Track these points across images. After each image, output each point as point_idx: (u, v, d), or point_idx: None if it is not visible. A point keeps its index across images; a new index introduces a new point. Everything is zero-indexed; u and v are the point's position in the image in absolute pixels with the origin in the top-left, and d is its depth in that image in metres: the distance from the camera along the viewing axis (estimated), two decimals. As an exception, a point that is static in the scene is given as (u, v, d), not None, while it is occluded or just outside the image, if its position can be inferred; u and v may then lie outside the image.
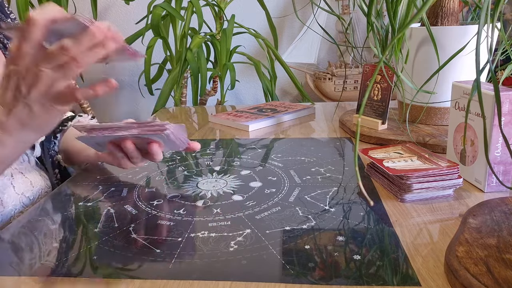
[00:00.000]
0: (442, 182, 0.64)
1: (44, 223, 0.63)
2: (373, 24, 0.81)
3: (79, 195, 0.72)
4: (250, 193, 0.69)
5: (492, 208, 0.56)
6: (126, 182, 0.76)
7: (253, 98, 2.36)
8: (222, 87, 1.87)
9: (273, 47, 1.80)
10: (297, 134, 1.03)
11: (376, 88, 0.97)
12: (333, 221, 0.59)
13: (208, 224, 0.59)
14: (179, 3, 1.79)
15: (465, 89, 0.68)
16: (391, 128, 0.94)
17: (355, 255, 0.50)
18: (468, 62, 0.87)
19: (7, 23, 0.54)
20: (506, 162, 0.64)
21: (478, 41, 0.44)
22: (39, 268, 0.51)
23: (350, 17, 2.05)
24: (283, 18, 2.21)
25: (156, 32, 1.70)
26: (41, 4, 1.73)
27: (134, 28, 2.07)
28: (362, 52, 2.06)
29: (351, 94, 2.10)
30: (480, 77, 0.45)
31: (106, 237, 0.57)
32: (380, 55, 0.87)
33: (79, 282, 0.48)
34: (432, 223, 0.58)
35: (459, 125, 0.71)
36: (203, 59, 1.74)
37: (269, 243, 0.54)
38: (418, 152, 0.72)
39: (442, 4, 0.91)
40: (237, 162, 0.84)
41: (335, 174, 0.76)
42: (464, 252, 0.46)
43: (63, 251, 0.55)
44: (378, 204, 0.64)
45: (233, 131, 1.08)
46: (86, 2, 2.01)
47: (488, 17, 0.48)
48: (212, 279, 0.47)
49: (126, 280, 0.48)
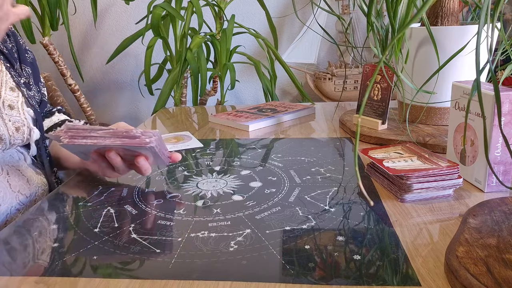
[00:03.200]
0: (442, 182, 0.64)
1: (43, 223, 0.63)
2: (373, 24, 0.81)
3: (79, 195, 0.72)
4: (250, 193, 0.69)
5: (492, 208, 0.56)
6: (126, 182, 0.76)
7: (253, 98, 2.36)
8: (222, 87, 1.87)
9: (273, 47, 1.80)
10: (297, 134, 1.03)
11: (376, 88, 0.97)
12: (333, 221, 0.59)
13: (208, 224, 0.59)
14: (179, 3, 1.79)
15: (465, 89, 0.68)
16: (391, 128, 0.94)
17: (355, 255, 0.50)
18: (468, 62, 0.87)
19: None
20: (506, 162, 0.64)
21: (478, 41, 0.44)
22: (38, 268, 0.51)
23: (350, 17, 2.05)
24: (283, 18, 2.21)
25: (156, 32, 1.70)
26: (40, 4, 1.73)
27: (134, 28, 2.08)
28: (362, 52, 2.06)
29: (351, 94, 2.10)
30: (480, 77, 0.45)
31: (106, 237, 0.57)
32: (380, 55, 0.87)
33: (79, 282, 0.48)
34: (432, 223, 0.58)
35: (459, 125, 0.71)
36: (203, 59, 1.74)
37: (269, 243, 0.54)
38: (418, 152, 0.72)
39: (442, 4, 0.91)
40: (237, 162, 0.84)
41: (335, 174, 0.76)
42: (464, 252, 0.46)
43: (63, 251, 0.55)
44: (378, 204, 0.64)
45: (233, 131, 1.08)
46: (86, 2, 2.01)
47: (488, 17, 0.48)
48: (212, 279, 0.47)
49: (126, 280, 0.48)
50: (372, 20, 0.80)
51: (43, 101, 0.92)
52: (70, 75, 1.91)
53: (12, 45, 0.85)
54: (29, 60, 0.89)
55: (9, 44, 0.84)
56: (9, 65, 0.82)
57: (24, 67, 0.86)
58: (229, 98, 2.31)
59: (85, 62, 2.35)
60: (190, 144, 0.97)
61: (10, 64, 0.82)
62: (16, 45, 0.86)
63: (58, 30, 1.84)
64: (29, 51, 0.90)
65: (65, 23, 1.77)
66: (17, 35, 0.89)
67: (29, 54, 0.90)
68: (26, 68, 0.87)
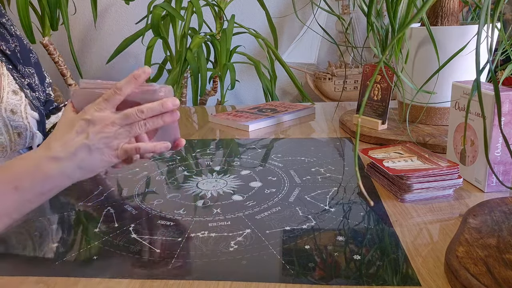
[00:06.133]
0: (442, 182, 0.64)
1: (43, 223, 0.63)
2: (373, 24, 0.81)
3: (79, 195, 0.72)
4: (250, 193, 0.69)
5: (492, 208, 0.56)
6: (126, 182, 0.76)
7: (253, 98, 2.36)
8: (222, 87, 1.87)
9: (273, 47, 1.80)
10: (297, 134, 1.03)
11: (376, 88, 0.97)
12: (333, 221, 0.59)
13: (208, 224, 0.59)
14: (179, 3, 1.79)
15: (465, 89, 0.68)
16: (391, 128, 0.94)
17: (355, 255, 0.50)
18: (468, 62, 0.87)
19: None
20: (506, 162, 0.64)
21: (478, 41, 0.44)
22: (38, 268, 0.51)
23: (350, 17, 2.05)
24: (283, 18, 2.21)
25: (156, 32, 1.70)
26: (40, 4, 1.73)
27: (134, 28, 2.08)
28: (362, 52, 2.06)
29: (351, 94, 2.10)
30: (480, 77, 0.45)
31: (106, 237, 0.57)
32: (380, 55, 0.87)
33: (79, 282, 0.48)
34: (432, 223, 0.57)
35: (459, 125, 0.70)
36: (203, 59, 1.74)
37: (269, 243, 0.54)
38: (418, 152, 0.72)
39: (442, 4, 0.91)
40: (237, 162, 0.84)
41: (335, 174, 0.76)
42: (464, 252, 0.46)
43: (63, 251, 0.55)
44: (378, 204, 0.64)
45: (233, 131, 1.08)
46: (86, 2, 2.01)
47: (488, 17, 0.48)
48: (212, 279, 0.47)
49: (126, 280, 0.48)
50: (372, 20, 0.80)
51: (49, 100, 0.91)
52: (70, 75, 1.91)
53: (16, 45, 0.85)
54: (33, 60, 0.89)
55: (12, 45, 0.84)
56: (12, 67, 0.82)
57: (28, 68, 0.86)
58: (229, 98, 2.31)
59: (85, 62, 2.35)
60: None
61: (13, 65, 0.82)
62: (19, 45, 0.86)
63: (58, 30, 1.84)
64: (33, 52, 0.90)
65: (65, 23, 1.77)
66: (21, 36, 0.89)
67: (33, 55, 0.90)
68: (30, 69, 0.87)
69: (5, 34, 0.83)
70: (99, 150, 0.55)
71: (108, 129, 0.55)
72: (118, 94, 0.56)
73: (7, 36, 0.84)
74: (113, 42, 2.27)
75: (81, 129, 0.55)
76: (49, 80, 0.93)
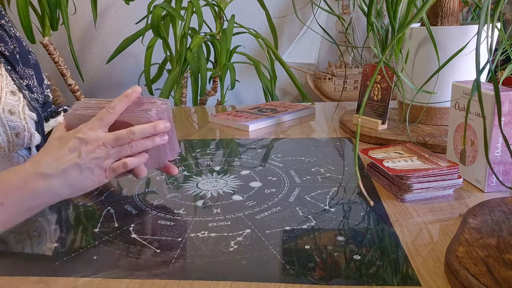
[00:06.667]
0: (442, 182, 0.64)
1: (43, 223, 0.63)
2: (373, 24, 0.81)
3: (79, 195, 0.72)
4: (250, 193, 0.69)
5: (492, 208, 0.56)
6: (126, 182, 0.76)
7: (253, 98, 2.36)
8: (222, 87, 1.87)
9: (273, 47, 1.80)
10: (297, 134, 1.03)
11: (376, 88, 0.97)
12: (333, 221, 0.59)
13: (208, 224, 0.59)
14: (179, 3, 1.79)
15: (465, 89, 0.68)
16: (391, 128, 0.94)
17: (355, 255, 0.50)
18: (468, 62, 0.87)
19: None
20: (506, 162, 0.64)
21: (478, 41, 0.44)
22: (38, 268, 0.51)
23: (350, 17, 2.05)
24: (283, 18, 2.21)
25: (156, 32, 1.70)
26: (40, 4, 1.73)
27: (134, 28, 2.08)
28: (362, 52, 2.06)
29: (351, 94, 2.10)
30: (480, 77, 0.45)
31: (106, 237, 0.57)
32: (380, 55, 0.87)
33: (79, 282, 0.48)
34: (432, 223, 0.57)
35: (459, 125, 0.70)
36: (203, 59, 1.74)
37: (269, 243, 0.54)
38: (418, 152, 0.72)
39: (442, 4, 0.91)
40: (237, 162, 0.84)
41: (335, 174, 0.76)
42: (464, 252, 0.46)
43: (63, 251, 0.55)
44: (378, 204, 0.64)
45: (233, 131, 1.08)
46: (86, 2, 2.01)
47: (488, 17, 0.48)
48: (212, 279, 0.47)
49: (126, 280, 0.48)
50: (372, 20, 0.80)
51: (47, 102, 0.91)
52: (70, 75, 1.91)
53: (14, 46, 0.85)
54: (32, 61, 0.89)
55: (10, 46, 0.84)
56: (11, 68, 0.82)
57: (27, 69, 0.86)
58: (229, 98, 2.31)
59: (85, 62, 2.35)
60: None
61: (11, 66, 0.82)
62: (18, 47, 0.86)
63: (58, 30, 1.84)
64: (32, 53, 0.90)
65: (65, 23, 1.77)
66: (20, 37, 0.89)
67: (32, 56, 0.90)
68: (29, 70, 0.87)
69: (4, 36, 0.83)
70: (90, 169, 0.56)
71: (100, 150, 0.56)
72: (111, 113, 0.57)
73: (6, 37, 0.84)
74: (113, 42, 2.27)
75: (73, 147, 0.55)
76: (47, 82, 0.93)
